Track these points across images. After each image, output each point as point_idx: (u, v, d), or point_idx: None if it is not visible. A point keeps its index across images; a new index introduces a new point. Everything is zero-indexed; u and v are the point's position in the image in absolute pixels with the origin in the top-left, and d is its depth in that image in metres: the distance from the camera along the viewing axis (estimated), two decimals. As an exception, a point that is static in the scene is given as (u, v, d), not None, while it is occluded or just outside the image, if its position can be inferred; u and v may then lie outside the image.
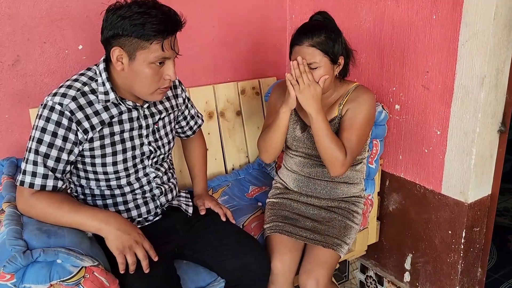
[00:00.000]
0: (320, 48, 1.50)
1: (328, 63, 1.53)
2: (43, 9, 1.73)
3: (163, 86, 1.35)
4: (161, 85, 1.34)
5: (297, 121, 1.71)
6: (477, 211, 1.77)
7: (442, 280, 1.88)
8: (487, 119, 1.64)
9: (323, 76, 1.52)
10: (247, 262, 1.49)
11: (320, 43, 1.50)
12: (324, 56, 1.51)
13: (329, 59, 1.52)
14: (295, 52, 1.54)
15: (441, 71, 1.70)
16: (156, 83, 1.32)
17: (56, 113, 1.27)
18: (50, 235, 1.20)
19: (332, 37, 1.52)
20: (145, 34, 1.24)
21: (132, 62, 1.28)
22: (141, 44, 1.25)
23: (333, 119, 1.64)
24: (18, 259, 1.09)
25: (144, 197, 1.49)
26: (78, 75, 1.37)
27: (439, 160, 1.79)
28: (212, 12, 2.14)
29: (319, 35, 1.50)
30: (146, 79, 1.30)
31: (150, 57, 1.27)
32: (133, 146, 1.42)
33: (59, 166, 1.29)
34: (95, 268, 1.20)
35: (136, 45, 1.25)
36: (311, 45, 1.50)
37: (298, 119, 1.71)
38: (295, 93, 1.53)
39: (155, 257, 1.31)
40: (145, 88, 1.33)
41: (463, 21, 1.59)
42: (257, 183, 2.13)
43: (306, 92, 1.51)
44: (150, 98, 1.37)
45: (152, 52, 1.27)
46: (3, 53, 1.69)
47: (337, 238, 1.63)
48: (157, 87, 1.33)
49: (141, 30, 1.23)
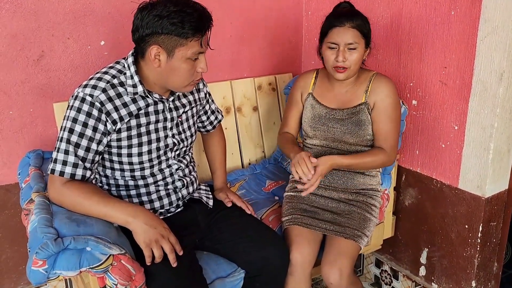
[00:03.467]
0: (360, 30, 1.58)
1: (363, 45, 1.61)
2: (67, 6, 1.77)
3: (196, 78, 1.40)
4: (194, 78, 1.39)
5: (315, 105, 1.76)
6: (494, 206, 1.78)
7: (458, 274, 1.90)
8: (506, 114, 1.65)
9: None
10: (267, 254, 1.52)
11: (360, 25, 1.58)
12: (362, 38, 1.59)
13: (364, 42, 1.61)
14: (335, 33, 1.59)
15: (459, 66, 1.71)
16: (191, 76, 1.38)
17: (87, 104, 1.31)
18: (79, 224, 1.24)
19: (367, 21, 1.62)
20: (185, 32, 1.28)
21: (171, 59, 1.32)
22: (180, 42, 1.30)
23: (359, 104, 1.69)
24: (50, 246, 1.13)
25: (166, 189, 1.52)
26: (107, 68, 1.40)
27: (456, 155, 1.80)
28: (230, 9, 2.17)
29: (357, 18, 1.59)
30: (183, 73, 1.35)
31: (188, 53, 1.32)
32: (158, 138, 1.45)
33: (89, 155, 1.33)
34: (122, 256, 1.24)
35: (175, 42, 1.30)
36: (352, 27, 1.57)
37: (316, 103, 1.76)
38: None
39: (180, 251, 1.34)
40: (181, 82, 1.38)
41: (482, 16, 1.59)
42: (274, 177, 2.16)
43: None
44: (183, 90, 1.42)
45: (190, 48, 1.32)
46: (28, 49, 1.73)
47: (357, 229, 1.65)
48: (192, 80, 1.39)
49: (180, 28, 1.27)
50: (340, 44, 1.58)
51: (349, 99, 1.71)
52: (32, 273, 1.15)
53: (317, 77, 1.80)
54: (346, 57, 1.58)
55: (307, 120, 1.77)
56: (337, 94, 1.73)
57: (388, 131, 1.67)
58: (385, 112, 1.66)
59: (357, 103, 1.69)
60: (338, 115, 1.71)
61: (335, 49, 1.60)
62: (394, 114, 1.67)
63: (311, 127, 1.76)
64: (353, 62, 1.59)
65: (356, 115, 1.68)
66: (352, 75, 1.66)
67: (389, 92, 1.66)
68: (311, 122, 1.75)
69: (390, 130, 1.67)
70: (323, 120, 1.73)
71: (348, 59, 1.58)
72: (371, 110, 1.68)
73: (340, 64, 1.59)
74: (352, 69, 1.61)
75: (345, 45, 1.58)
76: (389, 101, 1.66)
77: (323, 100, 1.75)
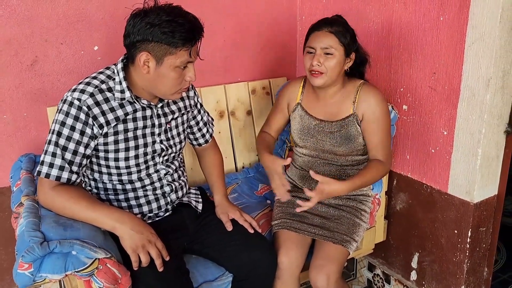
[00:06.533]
0: (337, 36, 1.58)
1: (342, 53, 1.60)
2: (60, 11, 1.80)
3: (184, 87, 1.42)
4: (182, 86, 1.41)
5: (304, 116, 1.76)
6: (483, 211, 1.78)
7: (448, 279, 1.90)
8: (493, 120, 1.66)
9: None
10: (254, 258, 1.54)
11: (338, 31, 1.58)
12: (339, 44, 1.58)
13: (343, 49, 1.59)
14: (313, 37, 1.60)
15: (448, 72, 1.72)
16: (178, 84, 1.40)
17: (75, 108, 1.33)
18: (66, 228, 1.26)
19: (350, 31, 1.61)
20: (175, 42, 1.30)
21: (159, 67, 1.34)
22: (169, 50, 1.32)
23: (347, 116, 1.68)
24: (36, 249, 1.16)
25: (155, 193, 1.54)
26: (97, 73, 1.43)
27: (445, 160, 1.80)
28: (223, 13, 2.19)
29: (337, 25, 1.59)
30: (170, 81, 1.37)
31: (177, 62, 1.34)
32: (145, 144, 1.47)
33: (76, 159, 1.35)
34: (108, 260, 1.26)
35: (165, 51, 1.32)
36: (330, 32, 1.58)
37: (305, 114, 1.75)
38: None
39: (167, 256, 1.36)
40: (168, 89, 1.40)
41: (469, 23, 1.60)
42: (266, 181, 2.16)
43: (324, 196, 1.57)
44: (170, 97, 1.44)
45: (179, 58, 1.34)
46: (22, 54, 1.76)
47: (346, 234, 1.66)
48: (179, 88, 1.41)
49: (170, 38, 1.29)
50: (316, 48, 1.59)
51: (337, 110, 1.70)
52: (18, 276, 1.17)
53: (305, 85, 1.79)
54: (321, 61, 1.58)
55: (296, 131, 1.77)
56: (324, 104, 1.72)
57: (381, 142, 1.67)
58: (376, 123, 1.65)
59: (346, 115, 1.68)
60: (327, 128, 1.70)
61: (312, 54, 1.60)
62: (384, 124, 1.66)
63: (300, 138, 1.77)
64: (329, 68, 1.58)
65: (345, 128, 1.68)
66: (330, 82, 1.64)
67: (377, 102, 1.65)
68: (300, 134, 1.76)
69: (382, 141, 1.67)
70: (312, 132, 1.73)
71: (323, 63, 1.58)
72: (360, 121, 1.67)
73: (315, 68, 1.59)
74: (329, 75, 1.60)
75: (321, 49, 1.58)
76: (379, 111, 1.65)
77: (312, 110, 1.74)
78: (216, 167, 1.77)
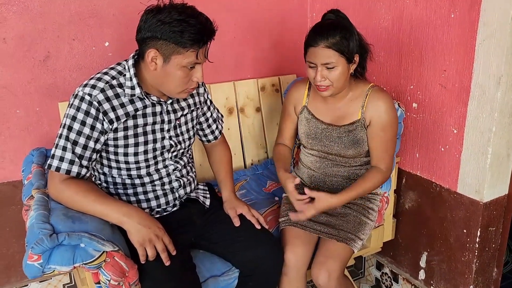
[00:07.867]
0: (336, 49, 1.50)
1: (345, 62, 1.54)
2: (72, 8, 1.82)
3: (190, 87, 1.43)
4: (188, 86, 1.42)
5: (310, 119, 1.74)
6: (493, 211, 1.76)
7: (456, 278, 1.89)
8: (504, 118, 1.64)
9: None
10: (261, 254, 1.54)
11: (335, 43, 1.50)
12: (340, 56, 1.51)
13: (345, 59, 1.53)
14: (310, 53, 1.55)
15: (458, 70, 1.70)
16: (185, 84, 1.40)
17: (86, 103, 1.35)
18: (74, 221, 1.28)
19: (347, 36, 1.52)
20: (183, 42, 1.31)
21: (166, 64, 1.35)
22: (177, 50, 1.32)
23: (355, 122, 1.65)
24: (45, 241, 1.18)
25: (163, 188, 1.55)
26: (108, 69, 1.45)
27: (455, 158, 1.79)
28: (234, 10, 2.20)
29: (333, 35, 1.49)
30: (176, 80, 1.38)
31: (184, 62, 1.35)
32: (155, 139, 1.49)
33: (86, 153, 1.37)
34: (115, 253, 1.27)
35: (172, 49, 1.32)
36: (326, 47, 1.50)
37: (312, 117, 1.74)
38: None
39: (173, 251, 1.38)
40: (173, 88, 1.41)
41: (480, 20, 1.59)
42: (275, 178, 2.17)
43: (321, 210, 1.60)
44: (176, 96, 1.45)
45: (186, 58, 1.34)
46: (35, 50, 1.79)
47: (351, 233, 1.66)
48: (185, 87, 1.42)
49: (179, 37, 1.30)
50: (317, 64, 1.53)
51: (345, 114, 1.67)
52: (28, 267, 1.19)
53: (310, 88, 1.76)
54: (325, 75, 1.53)
55: (303, 134, 1.76)
56: (331, 107, 1.70)
57: (385, 151, 1.64)
58: (383, 131, 1.62)
59: (353, 120, 1.66)
60: (335, 133, 1.68)
61: (314, 68, 1.55)
62: (390, 132, 1.63)
63: (307, 142, 1.76)
64: (334, 80, 1.54)
65: (353, 133, 1.66)
66: (339, 91, 1.61)
67: (386, 109, 1.61)
68: (307, 138, 1.75)
69: (387, 149, 1.65)
70: (320, 137, 1.72)
71: (327, 77, 1.54)
72: (367, 126, 1.65)
73: (319, 84, 1.56)
74: (336, 86, 1.56)
75: (321, 65, 1.53)
76: (386, 119, 1.61)
77: (318, 113, 1.72)
78: (224, 163, 1.78)
